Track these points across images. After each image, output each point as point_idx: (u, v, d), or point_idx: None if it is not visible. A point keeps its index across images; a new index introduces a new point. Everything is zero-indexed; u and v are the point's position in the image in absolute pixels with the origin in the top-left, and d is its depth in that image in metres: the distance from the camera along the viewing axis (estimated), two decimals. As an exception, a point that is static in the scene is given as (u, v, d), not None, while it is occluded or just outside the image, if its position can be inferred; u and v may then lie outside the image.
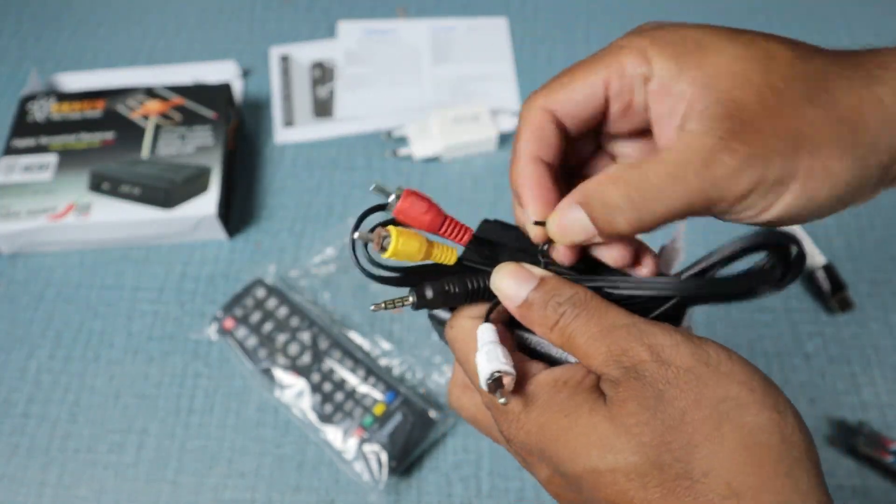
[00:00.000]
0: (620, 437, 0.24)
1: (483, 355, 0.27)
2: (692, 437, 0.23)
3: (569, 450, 0.25)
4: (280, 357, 0.56)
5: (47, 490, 0.53)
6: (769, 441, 0.22)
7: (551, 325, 0.27)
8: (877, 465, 0.52)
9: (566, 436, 0.25)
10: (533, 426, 0.26)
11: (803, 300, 0.60)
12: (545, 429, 0.26)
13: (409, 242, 0.27)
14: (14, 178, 0.64)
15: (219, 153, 0.65)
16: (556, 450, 0.25)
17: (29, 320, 0.61)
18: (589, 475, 0.24)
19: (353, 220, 0.68)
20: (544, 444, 0.26)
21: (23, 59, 0.78)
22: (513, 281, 0.28)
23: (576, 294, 0.27)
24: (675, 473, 0.23)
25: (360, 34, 0.79)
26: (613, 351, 0.25)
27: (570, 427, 0.25)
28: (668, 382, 0.24)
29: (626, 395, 0.24)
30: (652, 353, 0.24)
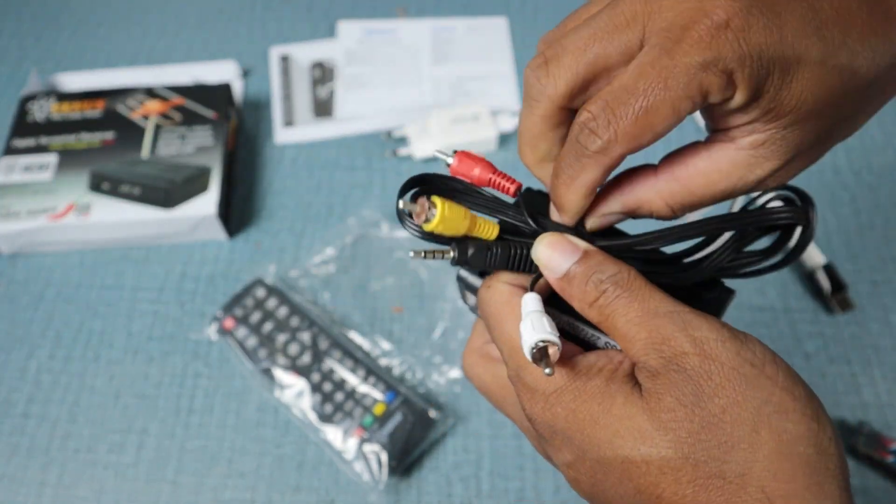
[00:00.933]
0: (656, 430, 0.23)
1: (528, 324, 0.26)
2: (729, 437, 0.22)
3: (600, 437, 0.24)
4: (280, 357, 0.56)
5: (47, 490, 0.53)
6: (806, 451, 0.22)
7: (591, 301, 0.26)
8: (877, 465, 0.52)
9: (598, 423, 0.24)
10: (563, 409, 0.25)
11: (803, 300, 0.60)
12: (576, 413, 0.25)
13: (454, 211, 0.27)
14: (14, 178, 0.64)
15: (219, 153, 0.65)
16: (585, 436, 0.25)
17: (29, 320, 0.61)
18: (620, 464, 0.24)
19: (354, 220, 0.68)
20: (573, 428, 0.25)
21: (23, 59, 0.78)
22: (555, 252, 0.27)
23: (619, 272, 0.26)
24: (708, 472, 0.22)
25: (360, 34, 0.79)
26: (654, 338, 0.24)
27: (603, 415, 0.24)
28: (709, 379, 0.23)
29: (664, 388, 0.23)
30: (695, 346, 0.24)
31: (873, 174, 0.67)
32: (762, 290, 0.60)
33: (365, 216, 0.65)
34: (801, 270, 0.61)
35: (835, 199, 0.65)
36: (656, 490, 0.23)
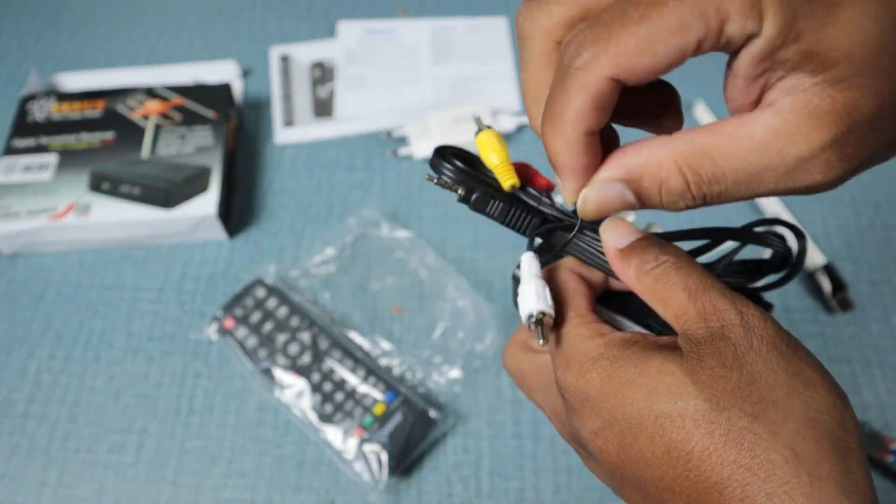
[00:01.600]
0: (693, 384, 0.23)
1: (532, 290, 0.29)
2: (764, 397, 0.23)
3: (635, 396, 0.24)
4: (280, 357, 0.56)
5: (47, 490, 0.53)
6: (831, 424, 0.23)
7: (648, 269, 0.27)
8: (877, 465, 0.52)
9: (635, 383, 0.25)
10: (598, 374, 0.26)
11: (803, 300, 0.60)
12: (612, 377, 0.25)
13: (495, 140, 0.31)
14: (14, 178, 0.64)
15: (219, 153, 0.65)
16: (620, 397, 0.25)
17: (29, 320, 0.61)
18: (654, 420, 0.24)
19: (354, 220, 0.68)
20: (607, 391, 0.25)
21: (23, 59, 0.78)
22: (620, 229, 0.28)
23: (680, 252, 0.27)
24: (742, 426, 0.23)
25: (360, 34, 0.79)
26: (705, 309, 0.25)
27: (640, 375, 0.25)
28: (750, 348, 0.24)
29: (706, 352, 0.24)
30: (741, 318, 0.24)
31: (873, 175, 0.67)
32: (762, 290, 0.60)
33: (365, 216, 0.65)
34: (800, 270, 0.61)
35: (835, 199, 0.65)
36: (687, 445, 0.23)
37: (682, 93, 0.31)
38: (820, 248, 0.61)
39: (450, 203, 0.66)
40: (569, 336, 0.28)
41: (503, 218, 0.30)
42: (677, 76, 0.27)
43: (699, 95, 0.71)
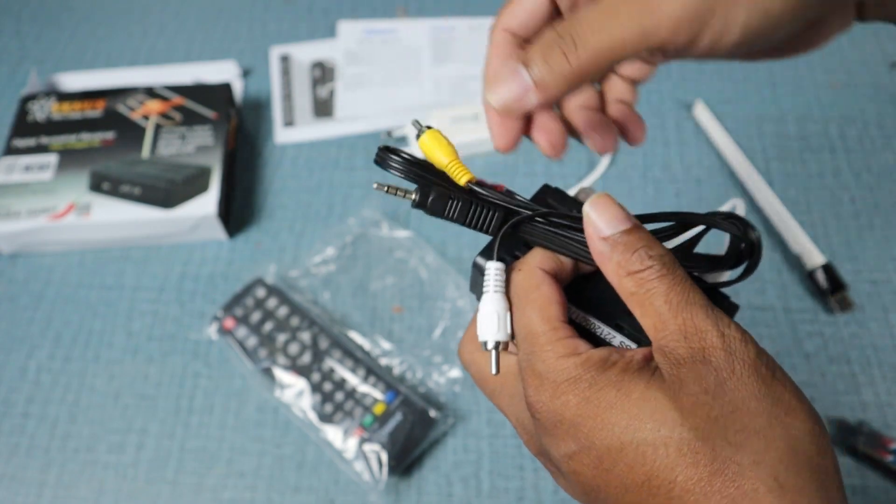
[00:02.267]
0: (677, 411, 0.23)
1: (493, 313, 0.28)
2: (747, 426, 0.23)
3: (616, 421, 0.24)
4: (280, 357, 0.56)
5: (47, 490, 0.53)
6: (810, 451, 0.23)
7: (633, 271, 0.26)
8: (876, 465, 0.52)
9: (615, 408, 0.24)
10: (575, 397, 0.25)
11: (803, 300, 0.60)
12: (590, 401, 0.25)
13: (440, 138, 0.29)
14: (14, 178, 0.64)
15: (219, 153, 0.65)
16: (599, 422, 0.24)
17: (29, 320, 0.61)
18: (635, 447, 0.24)
19: (354, 220, 0.68)
20: (584, 415, 0.25)
21: (23, 59, 0.78)
22: (607, 211, 0.27)
23: (666, 255, 0.26)
24: (726, 456, 0.23)
25: (360, 34, 0.79)
26: (687, 328, 0.25)
27: (621, 399, 0.24)
28: (732, 373, 0.24)
29: (688, 377, 0.24)
30: (724, 342, 0.24)
31: (873, 175, 0.67)
32: (762, 289, 0.60)
33: (365, 216, 0.65)
34: (800, 270, 0.61)
35: (835, 199, 0.65)
36: (671, 474, 0.23)
37: (682, 93, 0.31)
38: (820, 248, 0.62)
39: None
40: (542, 353, 0.27)
41: (464, 218, 0.29)
42: (677, 76, 0.28)
43: (699, 96, 0.71)
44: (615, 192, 0.30)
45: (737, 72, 0.75)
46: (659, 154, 0.68)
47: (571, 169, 0.67)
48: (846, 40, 0.77)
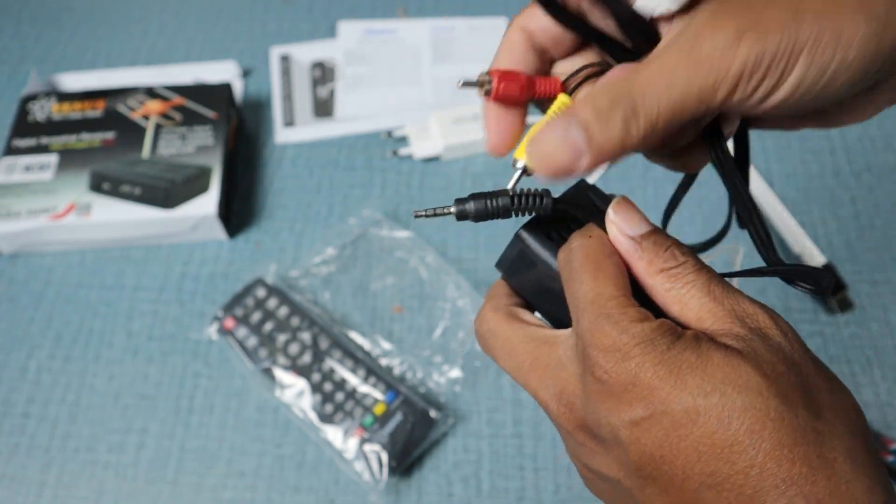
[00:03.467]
0: (762, 378, 0.23)
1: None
2: (816, 398, 0.24)
3: (697, 383, 0.23)
4: (280, 357, 0.56)
5: (47, 490, 0.53)
6: (862, 426, 0.24)
7: (666, 267, 0.26)
8: (877, 465, 0.52)
9: (697, 371, 0.24)
10: (653, 360, 0.24)
11: (803, 300, 0.60)
12: (670, 364, 0.24)
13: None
14: (14, 178, 0.64)
15: (219, 153, 0.65)
16: (681, 384, 0.24)
17: (29, 320, 0.61)
18: (718, 410, 0.23)
19: (354, 220, 0.68)
20: (663, 377, 0.24)
21: (23, 59, 0.78)
22: (632, 215, 0.28)
23: (692, 253, 0.27)
24: (810, 424, 0.23)
25: (361, 34, 0.79)
26: (739, 311, 0.25)
27: (703, 364, 0.24)
28: (793, 350, 0.25)
29: (761, 349, 0.24)
30: (775, 322, 0.25)
31: (873, 175, 0.67)
32: (763, 290, 0.60)
33: (365, 216, 0.65)
34: (801, 270, 0.61)
35: (835, 199, 0.65)
36: (757, 439, 0.22)
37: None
38: (820, 248, 0.61)
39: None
40: (616, 315, 0.25)
41: (509, 210, 0.29)
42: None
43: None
44: (615, 192, 0.30)
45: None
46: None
47: (571, 169, 0.67)
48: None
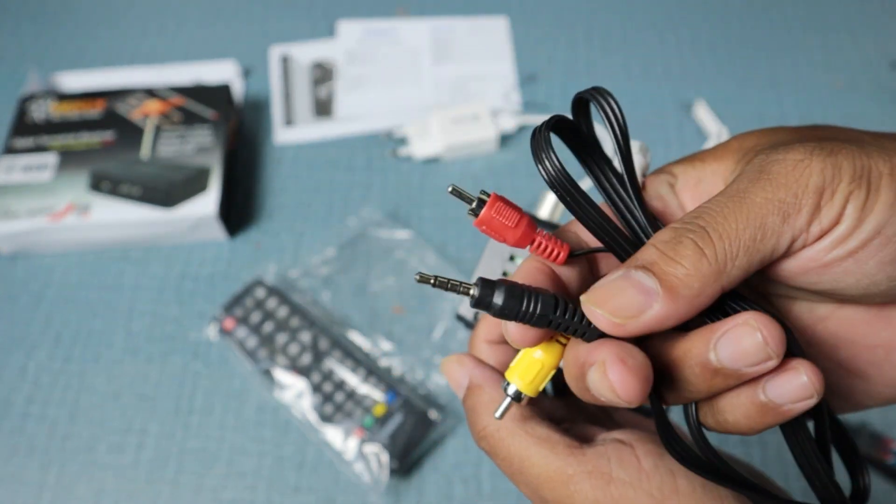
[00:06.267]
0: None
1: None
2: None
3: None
4: (280, 357, 0.56)
5: (47, 490, 0.53)
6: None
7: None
8: (878, 466, 0.52)
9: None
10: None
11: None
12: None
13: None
14: (14, 178, 0.63)
15: (219, 153, 0.65)
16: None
17: (28, 320, 0.61)
18: None
19: (354, 219, 0.67)
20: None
21: (22, 59, 0.78)
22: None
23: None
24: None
25: (360, 34, 0.79)
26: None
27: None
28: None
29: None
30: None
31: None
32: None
33: (365, 216, 0.65)
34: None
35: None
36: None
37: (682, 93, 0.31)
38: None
39: (450, 203, 0.66)
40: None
41: (546, 321, 0.23)
42: (678, 75, 0.28)
43: (700, 95, 0.71)
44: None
45: (738, 71, 0.75)
46: (659, 154, 0.68)
47: (571, 168, 0.67)
48: (848, 40, 0.77)
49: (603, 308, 0.22)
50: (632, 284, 0.22)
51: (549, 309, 0.23)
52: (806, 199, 0.21)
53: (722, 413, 0.23)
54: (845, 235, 0.22)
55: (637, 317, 0.22)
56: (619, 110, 0.24)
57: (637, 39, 0.77)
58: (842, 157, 0.22)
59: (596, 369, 0.22)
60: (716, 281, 0.22)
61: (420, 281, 0.23)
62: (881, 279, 0.23)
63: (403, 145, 0.70)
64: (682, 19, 0.79)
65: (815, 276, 0.23)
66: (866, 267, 0.22)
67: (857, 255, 0.22)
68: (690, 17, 0.79)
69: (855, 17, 0.78)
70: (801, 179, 0.22)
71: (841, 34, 0.77)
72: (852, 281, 0.23)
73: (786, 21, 0.78)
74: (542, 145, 0.23)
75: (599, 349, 0.22)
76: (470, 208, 0.24)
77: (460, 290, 0.23)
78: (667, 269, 0.22)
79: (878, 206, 0.21)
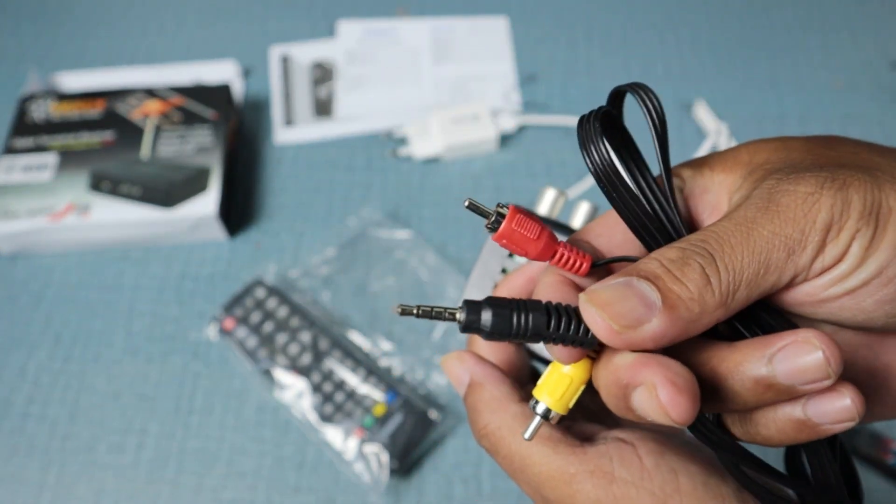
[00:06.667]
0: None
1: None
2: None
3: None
4: (280, 357, 0.56)
5: (47, 490, 0.53)
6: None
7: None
8: (878, 466, 0.52)
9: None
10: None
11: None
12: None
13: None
14: (13, 178, 0.63)
15: (218, 153, 0.65)
16: None
17: (28, 320, 0.61)
18: None
19: (354, 219, 0.67)
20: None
21: (22, 59, 0.78)
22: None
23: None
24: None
25: (360, 34, 0.79)
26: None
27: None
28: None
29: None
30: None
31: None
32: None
33: (365, 216, 0.65)
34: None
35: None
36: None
37: (682, 92, 0.31)
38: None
39: (450, 203, 0.66)
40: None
41: (540, 335, 0.23)
42: (677, 75, 0.28)
43: (700, 95, 0.71)
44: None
45: (738, 71, 0.75)
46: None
47: (572, 169, 0.67)
48: (848, 40, 0.77)
49: (604, 311, 0.21)
50: (634, 293, 0.21)
51: (542, 324, 0.22)
52: (812, 237, 0.21)
53: (755, 425, 0.23)
54: (846, 274, 0.22)
55: (634, 328, 0.21)
56: (659, 104, 0.23)
57: (637, 39, 0.77)
58: (852, 192, 0.21)
59: (644, 391, 0.21)
60: (715, 311, 0.21)
61: (402, 314, 0.22)
62: (878, 316, 0.22)
63: (403, 145, 0.70)
64: (682, 19, 0.79)
65: (811, 308, 0.23)
66: (864, 304, 0.22)
67: (856, 294, 0.22)
68: (690, 17, 0.79)
69: (855, 17, 0.78)
70: (809, 215, 0.21)
71: (841, 34, 0.77)
72: (849, 315, 0.23)
73: (786, 21, 0.78)
74: (591, 136, 0.23)
75: (644, 369, 0.21)
76: (488, 223, 0.23)
77: (445, 316, 0.22)
78: (671, 287, 0.21)
79: (882, 246, 0.21)
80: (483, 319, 0.22)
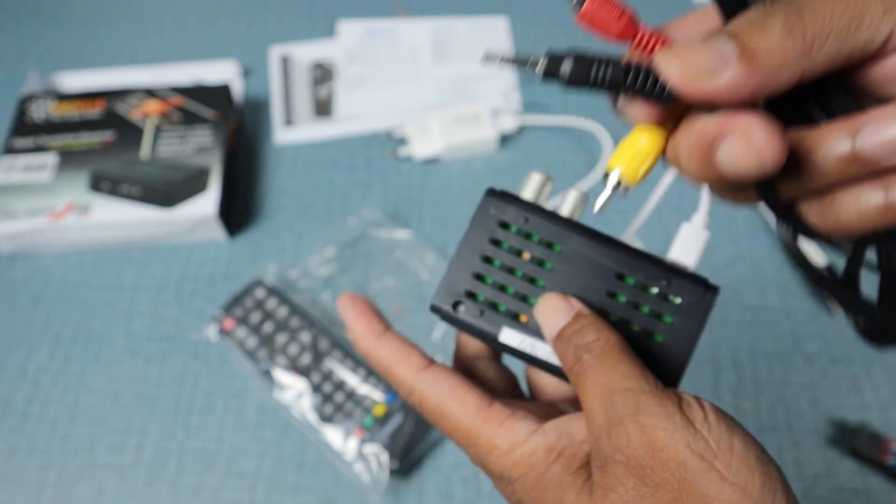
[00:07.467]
0: None
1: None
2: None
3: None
4: (280, 357, 0.56)
5: (47, 491, 0.53)
6: None
7: (569, 367, 0.26)
8: (878, 467, 0.52)
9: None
10: (522, 488, 0.26)
11: (804, 300, 0.60)
12: (532, 496, 0.26)
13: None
14: (13, 178, 0.63)
15: (218, 153, 0.65)
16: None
17: (28, 320, 0.61)
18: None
19: (354, 219, 0.68)
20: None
21: (21, 59, 0.78)
22: (549, 313, 0.27)
23: (596, 341, 0.25)
24: None
25: (361, 34, 0.79)
26: (609, 420, 0.24)
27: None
28: (653, 474, 0.22)
29: (611, 483, 0.23)
30: (643, 435, 0.23)
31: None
32: (763, 290, 0.60)
33: (365, 216, 0.65)
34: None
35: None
36: None
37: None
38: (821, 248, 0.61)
39: (450, 203, 0.66)
40: (495, 450, 0.28)
41: (620, 82, 0.23)
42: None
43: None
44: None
45: None
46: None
47: (572, 169, 0.67)
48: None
49: (678, 59, 0.21)
50: (710, 47, 0.21)
51: (619, 75, 0.22)
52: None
53: (835, 212, 0.22)
54: None
55: (709, 76, 0.20)
56: None
57: (637, 39, 0.77)
58: None
59: (734, 138, 0.21)
60: (798, 61, 0.20)
61: (486, 60, 0.23)
62: None
63: (403, 145, 0.70)
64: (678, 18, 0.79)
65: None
66: None
67: None
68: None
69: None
70: None
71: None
72: None
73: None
74: None
75: (735, 118, 0.21)
76: (573, 4, 0.24)
77: (528, 63, 0.23)
78: (750, 38, 0.20)
79: None
80: (563, 67, 0.23)
